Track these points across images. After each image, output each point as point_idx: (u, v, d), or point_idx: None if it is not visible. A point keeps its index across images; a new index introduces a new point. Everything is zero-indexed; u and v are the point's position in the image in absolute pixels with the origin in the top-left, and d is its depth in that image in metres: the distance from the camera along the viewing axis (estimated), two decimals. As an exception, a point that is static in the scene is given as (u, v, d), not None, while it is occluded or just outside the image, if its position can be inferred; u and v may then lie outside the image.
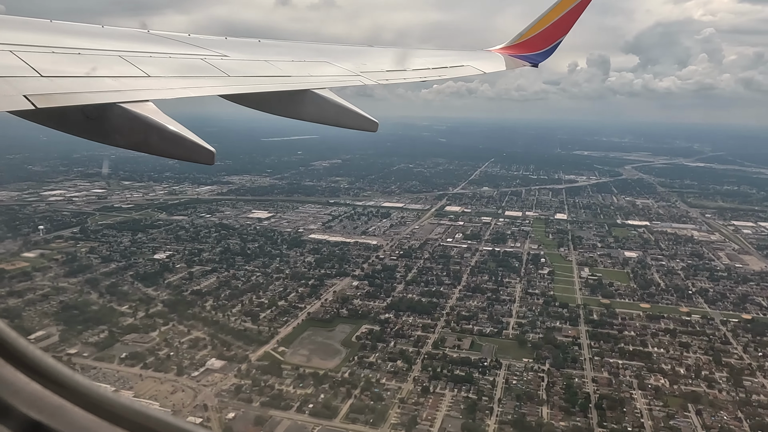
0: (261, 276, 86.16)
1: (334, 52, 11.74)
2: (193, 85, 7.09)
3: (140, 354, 60.09)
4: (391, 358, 60.44)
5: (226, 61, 8.34)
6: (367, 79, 10.17)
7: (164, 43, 8.49)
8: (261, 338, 64.96)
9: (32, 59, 5.68)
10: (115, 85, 6.08)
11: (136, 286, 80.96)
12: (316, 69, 9.94)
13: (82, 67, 6.35)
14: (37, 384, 1.86)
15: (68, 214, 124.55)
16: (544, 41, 17.62)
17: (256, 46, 10.54)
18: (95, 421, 1.75)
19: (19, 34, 6.58)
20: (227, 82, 7.60)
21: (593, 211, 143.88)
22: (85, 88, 5.75)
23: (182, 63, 7.84)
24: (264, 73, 8.73)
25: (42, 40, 6.56)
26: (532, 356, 61.42)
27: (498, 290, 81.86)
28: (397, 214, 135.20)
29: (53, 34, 7.20)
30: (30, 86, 5.16)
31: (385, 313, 72.96)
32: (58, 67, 5.95)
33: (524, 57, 17.74)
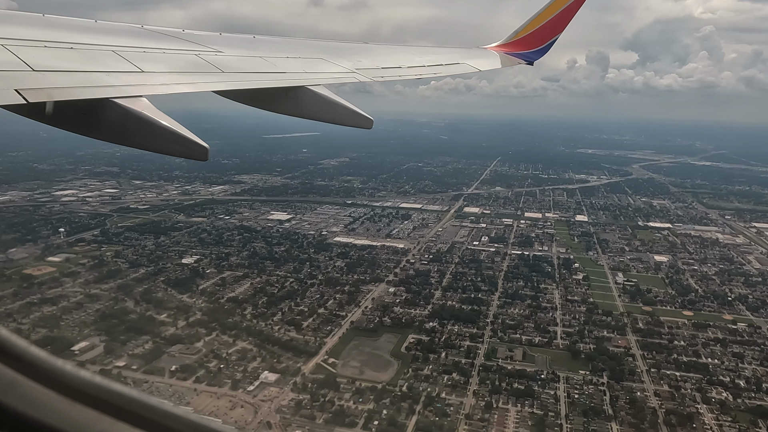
0: (295, 282, 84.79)
1: (330, 49, 11.74)
2: (188, 81, 7.03)
3: (190, 366, 58.65)
4: (446, 370, 59.39)
5: (221, 57, 8.27)
6: (363, 76, 10.09)
7: (158, 39, 8.42)
8: (309, 349, 63.67)
9: (24, 53, 5.60)
10: (109, 80, 6.00)
11: (170, 292, 79.36)
12: (311, 66, 9.86)
13: (75, 62, 6.22)
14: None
15: (85, 216, 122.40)
16: (539, 39, 17.60)
17: (251, 43, 10.52)
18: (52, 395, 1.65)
19: (11, 28, 6.44)
20: (222, 78, 7.56)
21: (612, 213, 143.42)
22: (78, 83, 5.64)
23: (176, 59, 7.77)
24: (259, 70, 8.65)
25: (34, 35, 6.47)
26: (588, 368, 60.56)
27: (537, 297, 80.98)
28: (417, 215, 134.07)
29: (46, 28, 7.12)
30: (22, 81, 5.07)
31: (428, 321, 71.86)
32: (51, 61, 5.88)
33: (520, 55, 17.71)
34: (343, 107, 8.51)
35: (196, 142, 5.70)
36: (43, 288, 78.85)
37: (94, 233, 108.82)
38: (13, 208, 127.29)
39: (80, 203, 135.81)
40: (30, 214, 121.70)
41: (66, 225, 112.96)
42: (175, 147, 5.68)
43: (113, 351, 61.62)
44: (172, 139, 5.65)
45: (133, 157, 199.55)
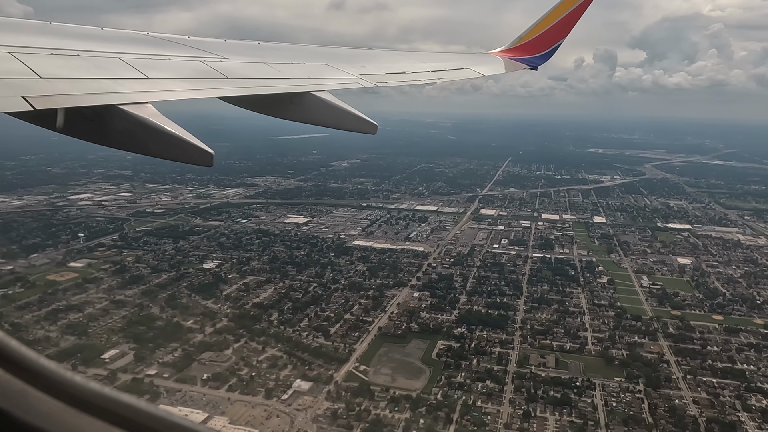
0: (318, 287, 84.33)
1: (334, 55, 11.83)
2: (193, 87, 7.08)
3: (222, 375, 58.26)
4: (479, 377, 58.74)
5: (226, 63, 8.35)
6: (367, 82, 10.15)
7: (164, 46, 8.49)
8: (339, 356, 63.16)
9: (31, 61, 5.67)
10: (115, 87, 6.06)
11: (194, 298, 79.08)
12: (315, 72, 9.93)
13: (81, 69, 6.29)
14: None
15: (102, 220, 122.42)
16: (543, 44, 17.66)
17: (255, 49, 10.57)
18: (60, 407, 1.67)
19: (18, 36, 6.57)
20: (227, 84, 7.62)
21: (630, 214, 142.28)
22: (84, 90, 5.70)
23: (182, 65, 7.82)
24: (263, 76, 8.71)
25: (41, 42, 6.55)
26: (623, 375, 59.77)
27: (563, 301, 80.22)
28: (434, 217, 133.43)
29: (53, 36, 7.19)
30: (29, 88, 5.15)
31: (456, 327, 71.25)
32: (58, 69, 5.93)
33: (524, 60, 17.80)
34: (347, 113, 8.53)
35: (202, 149, 5.73)
36: (68, 294, 78.69)
37: (113, 238, 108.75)
38: (31, 212, 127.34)
39: (96, 207, 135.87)
40: (48, 219, 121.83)
41: (84, 230, 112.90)
42: (181, 153, 5.74)
43: (143, 359, 61.30)
44: (177, 146, 5.71)
45: (144, 160, 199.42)
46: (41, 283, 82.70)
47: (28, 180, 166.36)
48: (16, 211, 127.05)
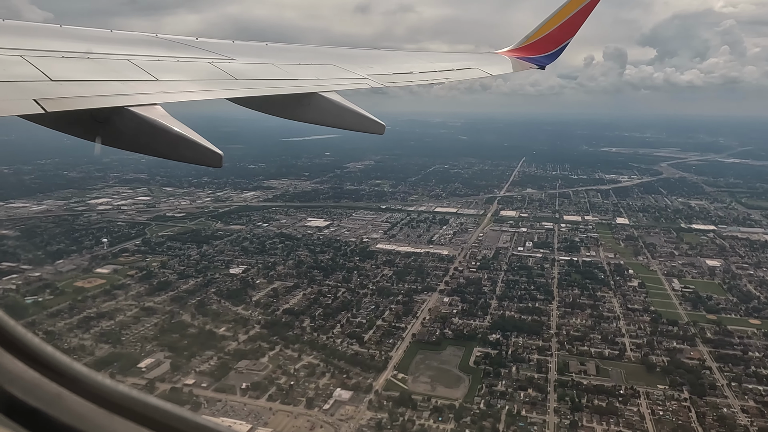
0: (347, 292, 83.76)
1: (342, 56, 11.81)
2: (201, 88, 7.11)
3: (260, 384, 57.77)
4: (521, 386, 57.92)
5: (234, 64, 8.38)
6: (374, 82, 10.13)
7: (172, 48, 8.54)
8: (376, 364, 62.56)
9: (42, 64, 5.74)
10: (124, 89, 6.10)
11: (224, 304, 78.75)
12: (323, 72, 9.89)
13: (91, 71, 6.33)
14: (35, 372, 1.89)
15: (123, 225, 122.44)
16: (550, 44, 17.65)
17: (263, 50, 10.61)
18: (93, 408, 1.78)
19: (29, 40, 6.63)
20: (235, 85, 7.65)
21: (652, 215, 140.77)
22: (94, 92, 5.73)
23: (190, 67, 7.86)
24: (271, 77, 8.73)
25: (52, 45, 6.62)
26: (666, 382, 58.77)
27: (596, 306, 79.22)
28: (454, 220, 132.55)
29: (63, 39, 7.24)
30: (40, 90, 5.20)
31: (491, 333, 70.45)
32: (68, 71, 5.98)
33: (531, 59, 17.82)
34: (355, 113, 8.53)
35: (211, 149, 5.74)
36: (97, 301, 78.58)
37: (136, 243, 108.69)
38: (52, 217, 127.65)
39: (116, 212, 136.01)
40: (70, 224, 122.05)
41: (107, 235, 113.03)
42: (190, 154, 5.76)
43: (180, 368, 60.94)
44: (186, 146, 5.72)
45: (159, 163, 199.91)
46: (69, 290, 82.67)
47: (46, 184, 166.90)
48: (37, 216, 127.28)
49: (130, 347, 65.68)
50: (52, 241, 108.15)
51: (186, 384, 57.47)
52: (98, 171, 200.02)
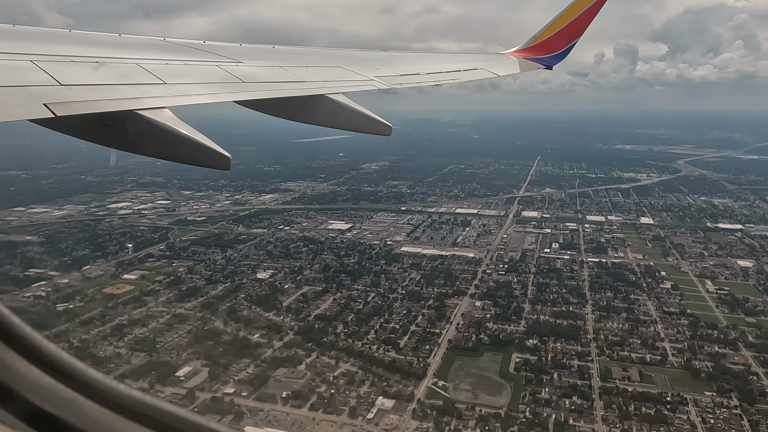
0: (377, 297, 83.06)
1: (349, 58, 11.91)
2: (209, 91, 7.15)
3: (301, 393, 57.15)
4: (565, 393, 56.95)
5: (241, 67, 8.43)
6: (381, 84, 10.19)
7: (180, 51, 8.60)
8: (414, 371, 61.80)
9: (52, 69, 5.82)
10: (132, 92, 6.13)
11: (255, 310, 78.34)
12: (330, 74, 10.00)
13: (100, 75, 6.38)
14: (51, 378, 1.92)
15: (146, 230, 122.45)
16: (558, 43, 17.62)
17: (270, 52, 10.64)
18: (107, 414, 1.81)
19: (39, 45, 6.71)
20: (242, 88, 7.69)
21: (676, 214, 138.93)
22: (102, 96, 5.78)
23: (198, 70, 7.91)
24: (278, 79, 8.77)
25: (61, 50, 6.69)
26: (713, 389, 57.56)
27: (631, 309, 78.00)
28: (476, 221, 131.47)
29: (72, 43, 7.28)
30: (50, 95, 5.27)
31: (527, 338, 69.51)
32: (77, 76, 6.03)
33: (539, 59, 17.78)
34: (362, 115, 8.59)
35: (219, 152, 5.77)
36: (128, 308, 78.42)
37: (160, 248, 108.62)
38: (75, 222, 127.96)
39: (137, 216, 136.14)
40: (92, 229, 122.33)
41: (130, 240, 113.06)
42: (198, 157, 5.79)
43: (218, 377, 60.47)
44: (195, 149, 5.76)
45: (175, 166, 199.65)
46: (99, 297, 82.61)
47: (65, 189, 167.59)
48: (60, 222, 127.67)
49: (166, 355, 65.32)
50: (77, 246, 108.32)
51: (226, 393, 56.95)
52: (115, 175, 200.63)
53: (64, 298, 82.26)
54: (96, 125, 5.81)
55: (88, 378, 1.94)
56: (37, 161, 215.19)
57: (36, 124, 5.35)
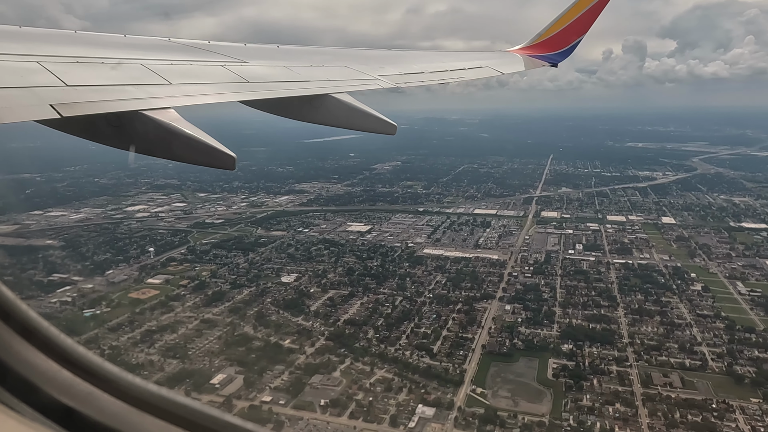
0: (404, 300, 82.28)
1: (353, 56, 11.87)
2: (214, 91, 7.16)
3: (339, 400, 56.47)
4: (607, 400, 55.98)
5: (246, 67, 8.42)
6: (385, 82, 10.13)
7: (185, 51, 8.60)
8: (451, 377, 60.97)
9: (58, 70, 5.87)
10: (138, 93, 6.17)
11: (283, 315, 77.70)
12: (334, 73, 9.94)
13: (105, 76, 6.43)
14: (69, 372, 1.97)
15: (165, 233, 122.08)
16: (563, 41, 17.52)
17: (275, 52, 10.64)
18: (123, 407, 1.86)
19: (45, 46, 6.77)
20: (247, 88, 7.68)
21: (697, 213, 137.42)
22: (108, 96, 5.83)
23: (203, 70, 7.89)
24: (283, 79, 8.75)
25: (67, 51, 6.76)
26: (758, 395, 56.46)
27: (664, 312, 76.92)
28: (496, 222, 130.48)
29: (78, 44, 7.32)
30: (56, 96, 5.32)
31: (562, 343, 68.57)
32: (83, 77, 6.09)
33: (544, 57, 17.68)
34: (366, 114, 8.58)
35: (224, 152, 5.78)
36: (156, 314, 78.01)
37: (181, 251, 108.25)
38: (93, 226, 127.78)
39: (155, 219, 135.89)
40: (111, 233, 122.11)
41: (150, 243, 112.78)
42: (204, 157, 5.80)
43: (253, 384, 59.86)
44: (200, 150, 5.77)
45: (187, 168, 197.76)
46: (125, 302, 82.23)
47: (80, 192, 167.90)
48: (78, 225, 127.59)
49: (198, 362, 64.80)
50: (98, 250, 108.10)
51: (263, 401, 56.32)
52: (128, 177, 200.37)
53: (90, 304, 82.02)
54: (102, 126, 5.83)
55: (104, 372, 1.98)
56: (49, 164, 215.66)
57: (43, 125, 5.37)
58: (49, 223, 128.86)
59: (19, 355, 1.98)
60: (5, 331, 2.05)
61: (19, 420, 1.70)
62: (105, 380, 1.95)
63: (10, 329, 2.06)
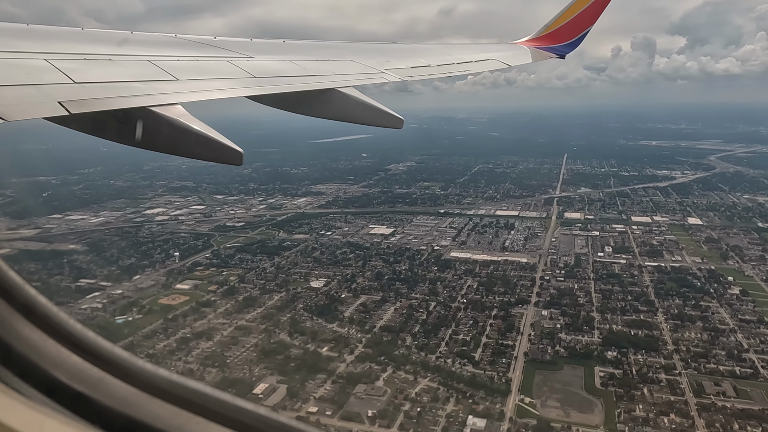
0: (438, 306, 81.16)
1: (359, 50, 11.73)
2: (221, 87, 7.15)
3: (387, 411, 55.43)
4: (662, 411, 54.72)
5: (252, 62, 8.39)
6: (392, 76, 10.05)
7: (191, 47, 8.61)
8: (497, 386, 59.85)
9: (66, 67, 5.89)
10: (145, 89, 6.20)
11: (317, 321, 76.79)
12: (340, 67, 9.82)
13: (112, 73, 6.47)
14: (79, 357, 2.00)
15: (187, 237, 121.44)
16: (570, 32, 17.30)
17: (281, 47, 10.54)
18: (133, 391, 1.89)
19: (53, 43, 6.78)
20: (253, 83, 7.66)
21: (723, 213, 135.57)
22: (116, 93, 5.84)
23: (209, 66, 7.90)
24: (289, 74, 8.71)
25: (74, 48, 6.79)
26: (816, 404, 55.10)
27: (705, 317, 75.50)
28: (519, 223, 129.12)
29: (85, 42, 7.40)
30: (64, 93, 5.34)
31: (605, 350, 67.32)
32: (91, 74, 6.12)
33: (551, 48, 17.44)
34: (373, 108, 8.50)
35: (231, 147, 5.82)
36: (189, 320, 77.25)
37: (206, 255, 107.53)
38: (114, 230, 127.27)
39: (175, 222, 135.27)
40: (133, 237, 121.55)
41: (173, 247, 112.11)
42: (211, 152, 5.84)
43: (297, 394, 58.88)
44: (207, 145, 5.79)
45: (202, 169, 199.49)
46: (157, 308, 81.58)
47: (97, 194, 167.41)
48: (99, 229, 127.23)
49: (238, 371, 63.93)
50: (122, 255, 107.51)
51: (309, 412, 55.30)
52: (143, 179, 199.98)
53: (121, 310, 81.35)
54: (109, 122, 5.80)
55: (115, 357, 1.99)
56: (63, 166, 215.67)
57: (51, 122, 5.38)
58: (70, 227, 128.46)
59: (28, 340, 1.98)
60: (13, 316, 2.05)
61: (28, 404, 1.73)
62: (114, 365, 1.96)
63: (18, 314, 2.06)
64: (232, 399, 1.83)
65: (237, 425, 1.74)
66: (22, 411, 1.68)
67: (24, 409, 1.70)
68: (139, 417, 1.78)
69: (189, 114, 5.97)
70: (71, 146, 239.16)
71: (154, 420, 1.76)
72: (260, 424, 1.75)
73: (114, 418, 1.79)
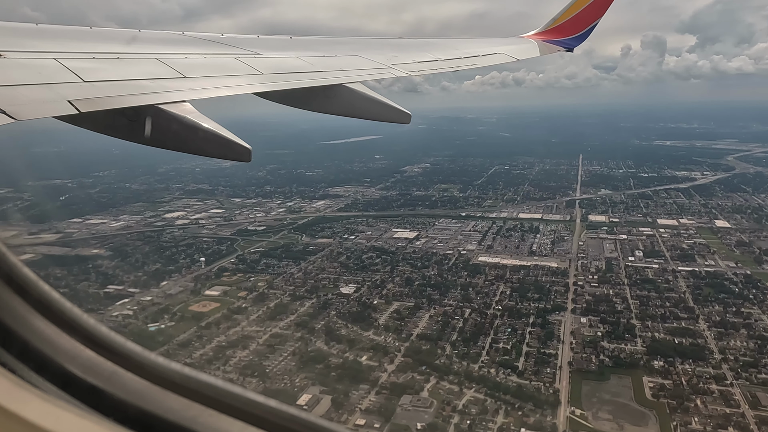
0: (473, 313, 79.94)
1: (366, 46, 11.63)
2: (228, 84, 7.12)
3: (436, 425, 54.29)
4: (719, 424, 53.34)
5: (259, 59, 8.40)
6: (399, 71, 10.02)
7: (199, 45, 8.65)
8: (545, 398, 58.61)
9: (75, 66, 5.90)
10: (153, 87, 6.22)
11: (352, 329, 75.77)
12: (347, 63, 9.82)
13: (121, 71, 6.45)
14: (92, 351, 2.04)
15: (210, 241, 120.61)
16: (578, 25, 17.11)
17: (288, 43, 10.54)
18: (147, 385, 1.92)
19: (62, 42, 6.75)
20: (260, 80, 7.64)
21: (750, 216, 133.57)
22: (124, 91, 5.85)
23: (216, 63, 7.91)
24: (296, 70, 8.67)
25: (83, 47, 6.79)
26: None
27: (748, 324, 73.94)
28: (544, 227, 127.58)
29: (93, 40, 7.39)
30: (73, 92, 5.35)
31: (651, 359, 65.93)
32: (99, 72, 6.11)
33: (558, 42, 17.17)
34: (380, 103, 8.52)
35: (240, 144, 5.88)
36: (222, 328, 76.37)
37: (231, 261, 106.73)
38: (136, 234, 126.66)
39: (196, 226, 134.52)
40: (156, 241, 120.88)
41: (197, 252, 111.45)
42: (220, 149, 5.86)
43: (342, 405, 57.86)
44: (215, 142, 5.82)
45: (217, 171, 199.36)
46: (188, 316, 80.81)
47: (114, 198, 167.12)
48: (121, 234, 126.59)
49: (279, 381, 62.97)
50: (147, 260, 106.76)
51: (357, 425, 54.27)
52: (159, 182, 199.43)
53: (153, 317, 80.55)
54: (118, 120, 5.79)
55: (128, 351, 2.00)
56: (77, 169, 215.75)
57: (61, 121, 5.40)
58: (91, 231, 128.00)
59: (44, 336, 2.02)
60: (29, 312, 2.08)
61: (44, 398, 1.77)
62: (127, 359, 1.98)
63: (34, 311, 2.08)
64: (243, 391, 1.86)
65: (248, 417, 1.76)
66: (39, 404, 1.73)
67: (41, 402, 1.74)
68: (152, 409, 1.81)
69: (197, 111, 5.98)
70: (83, 148, 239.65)
71: (166, 412, 1.80)
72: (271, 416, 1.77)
73: (127, 410, 1.82)
